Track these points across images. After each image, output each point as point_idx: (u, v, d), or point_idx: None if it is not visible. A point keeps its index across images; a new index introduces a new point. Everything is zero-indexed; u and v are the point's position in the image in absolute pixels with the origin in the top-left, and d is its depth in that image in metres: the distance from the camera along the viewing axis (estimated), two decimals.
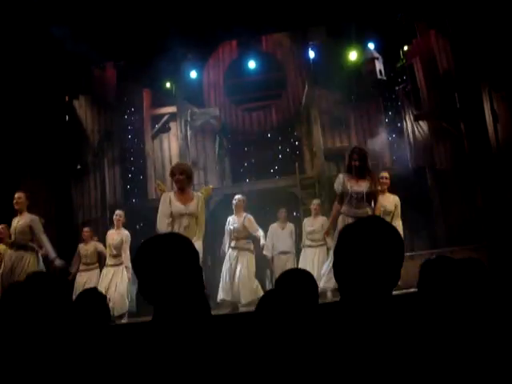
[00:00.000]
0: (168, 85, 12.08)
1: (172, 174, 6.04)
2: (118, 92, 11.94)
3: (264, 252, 8.57)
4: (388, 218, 7.20)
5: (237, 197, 8.17)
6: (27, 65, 9.36)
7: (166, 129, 12.26)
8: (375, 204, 6.50)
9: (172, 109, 11.97)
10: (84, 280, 8.41)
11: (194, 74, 12.13)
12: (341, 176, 6.52)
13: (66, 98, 11.42)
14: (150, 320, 1.68)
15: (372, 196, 6.39)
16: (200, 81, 12.29)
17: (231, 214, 8.19)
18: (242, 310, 7.40)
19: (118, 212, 8.33)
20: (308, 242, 8.54)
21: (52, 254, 6.99)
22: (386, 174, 7.64)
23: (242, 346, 1.66)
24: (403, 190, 8.54)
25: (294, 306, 2.36)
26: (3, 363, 1.81)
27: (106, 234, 8.80)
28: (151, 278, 1.65)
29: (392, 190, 7.82)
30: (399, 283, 1.60)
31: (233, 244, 7.90)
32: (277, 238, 8.91)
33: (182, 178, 5.92)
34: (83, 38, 9.49)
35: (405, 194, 8.55)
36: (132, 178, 12.53)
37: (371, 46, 11.18)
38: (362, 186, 6.29)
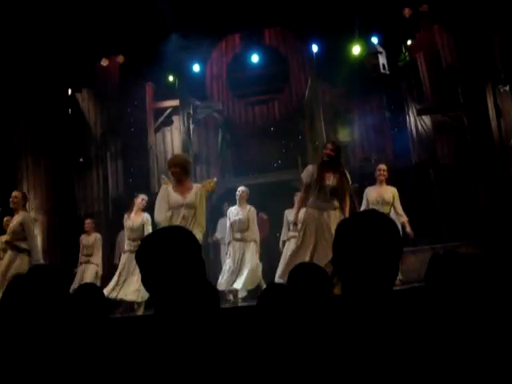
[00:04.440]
0: (171, 78, 12.06)
1: (168, 168, 6.14)
2: (121, 85, 11.94)
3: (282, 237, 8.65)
4: (387, 208, 7.26)
5: (240, 188, 8.21)
6: (31, 58, 9.36)
7: (168, 122, 12.25)
8: (343, 199, 6.43)
9: (175, 102, 11.95)
10: (81, 271, 8.45)
11: (196, 68, 12.11)
12: (310, 167, 6.44)
13: (69, 92, 11.42)
14: (152, 313, 1.69)
15: (341, 191, 6.27)
16: (203, 74, 12.28)
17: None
18: (242, 303, 7.47)
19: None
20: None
21: (35, 256, 6.63)
22: (383, 167, 7.64)
23: (246, 340, 1.66)
24: (405, 184, 8.55)
25: (304, 300, 2.38)
26: (3, 359, 1.82)
27: (107, 226, 8.88)
28: (154, 270, 1.66)
29: (393, 184, 7.83)
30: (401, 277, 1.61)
31: (238, 236, 7.91)
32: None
33: (177, 170, 5.96)
34: (86, 31, 9.49)
35: (407, 189, 8.56)
36: (134, 172, 12.53)
37: (374, 40, 11.15)
38: (331, 180, 6.21)
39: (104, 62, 11.50)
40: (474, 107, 9.53)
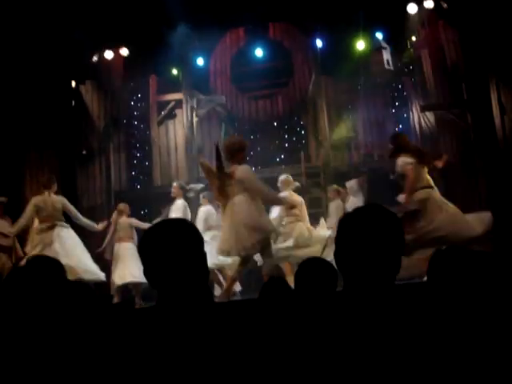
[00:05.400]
0: (174, 71, 12.04)
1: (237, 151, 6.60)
2: (125, 78, 11.92)
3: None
4: None
5: (284, 176, 8.47)
6: (34, 49, 9.35)
7: (171, 115, 12.24)
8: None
9: (178, 95, 11.94)
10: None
11: (200, 61, 12.09)
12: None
13: (73, 84, 11.41)
14: (154, 305, 1.69)
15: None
16: (207, 68, 12.25)
17: None
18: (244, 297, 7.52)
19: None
20: None
21: None
22: None
23: (245, 334, 1.66)
24: None
25: (309, 295, 2.38)
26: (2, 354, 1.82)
27: (110, 219, 8.92)
28: (156, 262, 1.66)
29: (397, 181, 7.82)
30: (403, 273, 1.61)
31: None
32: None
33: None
34: (90, 23, 9.48)
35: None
36: (137, 165, 12.54)
37: (379, 35, 11.11)
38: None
39: (108, 55, 11.48)
40: (477, 104, 9.50)
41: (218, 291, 7.95)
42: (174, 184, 9.02)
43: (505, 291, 1.87)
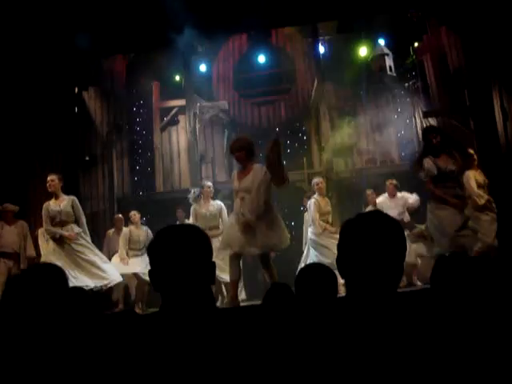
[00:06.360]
0: (177, 78, 12.08)
1: (231, 152, 5.93)
2: (128, 84, 11.96)
3: None
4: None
5: (318, 180, 8.13)
6: (37, 56, 9.38)
7: (174, 122, 12.27)
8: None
9: (181, 102, 11.97)
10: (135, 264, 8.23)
11: (203, 68, 12.13)
12: (427, 159, 6.22)
13: (76, 90, 11.44)
14: (157, 310, 1.69)
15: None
16: (209, 74, 12.29)
17: None
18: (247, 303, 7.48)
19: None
20: None
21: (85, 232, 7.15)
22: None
23: (248, 340, 1.66)
24: (411, 186, 8.53)
25: (310, 301, 2.37)
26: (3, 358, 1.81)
27: (113, 224, 8.92)
28: (163, 266, 1.66)
29: (400, 187, 7.83)
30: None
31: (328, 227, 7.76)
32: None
33: (240, 154, 5.84)
34: (94, 29, 9.50)
35: (412, 191, 8.54)
36: (140, 171, 12.56)
37: (381, 41, 11.13)
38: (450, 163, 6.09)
39: (111, 61, 11.52)
40: (480, 110, 9.50)
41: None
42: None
43: (507, 297, 1.87)
